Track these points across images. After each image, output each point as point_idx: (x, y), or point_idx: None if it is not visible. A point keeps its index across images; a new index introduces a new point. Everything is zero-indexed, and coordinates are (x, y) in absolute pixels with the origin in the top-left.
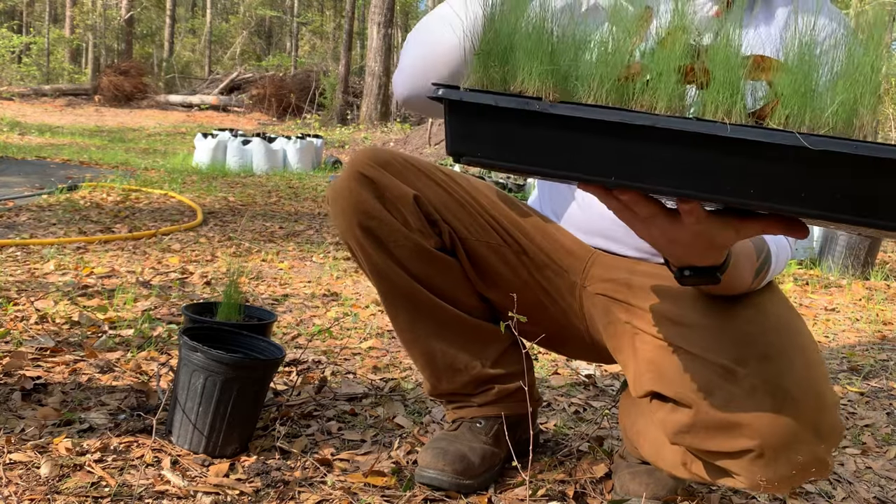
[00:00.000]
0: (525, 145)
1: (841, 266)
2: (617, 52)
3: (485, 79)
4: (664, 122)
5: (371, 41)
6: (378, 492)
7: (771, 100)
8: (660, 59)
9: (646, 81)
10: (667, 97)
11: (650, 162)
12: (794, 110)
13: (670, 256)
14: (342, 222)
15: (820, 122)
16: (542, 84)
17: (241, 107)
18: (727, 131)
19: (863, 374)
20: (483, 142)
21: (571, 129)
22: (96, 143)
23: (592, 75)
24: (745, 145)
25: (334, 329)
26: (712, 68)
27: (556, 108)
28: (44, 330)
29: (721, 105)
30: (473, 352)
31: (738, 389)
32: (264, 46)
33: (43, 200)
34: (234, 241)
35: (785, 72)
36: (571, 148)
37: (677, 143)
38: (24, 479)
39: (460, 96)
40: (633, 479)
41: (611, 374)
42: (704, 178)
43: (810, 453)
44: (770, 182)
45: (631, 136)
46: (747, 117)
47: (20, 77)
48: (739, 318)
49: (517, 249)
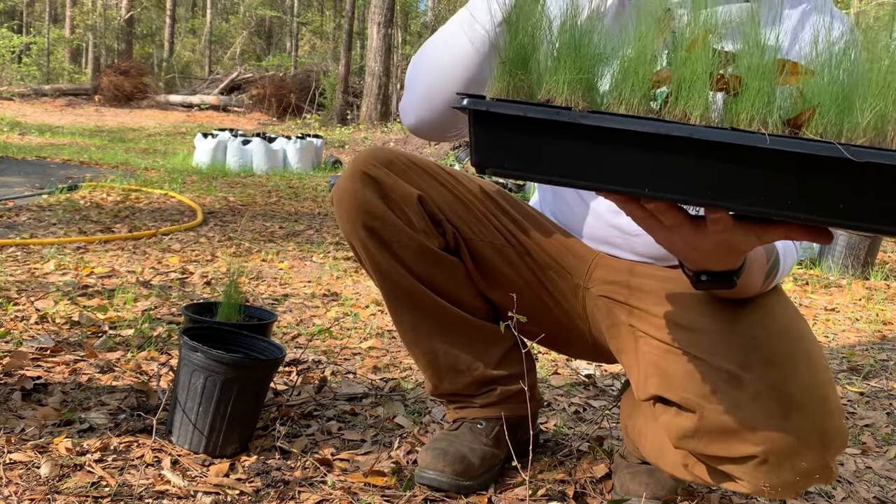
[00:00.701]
0: (554, 156)
1: (841, 266)
2: (643, 59)
3: (509, 88)
4: (701, 132)
5: (371, 41)
6: (378, 492)
7: (806, 108)
8: (688, 64)
9: (676, 90)
10: (701, 106)
11: (684, 172)
12: (831, 120)
13: (688, 262)
14: (346, 222)
15: (856, 132)
16: (571, 93)
17: (241, 107)
18: (766, 142)
19: (863, 374)
20: (510, 153)
21: (603, 140)
22: (96, 143)
23: (621, 84)
24: (783, 156)
25: (334, 329)
26: (745, 76)
27: (588, 119)
28: (44, 330)
29: (757, 114)
30: (476, 353)
31: (742, 395)
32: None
33: (43, 200)
34: (234, 241)
35: (822, 81)
36: (602, 159)
37: (714, 153)
38: (24, 479)
39: (487, 106)
40: (634, 478)
41: (611, 374)
42: (740, 189)
43: (815, 459)
44: (808, 192)
45: (665, 146)
46: (783, 126)
47: (20, 77)
48: (745, 321)
49: (521, 250)
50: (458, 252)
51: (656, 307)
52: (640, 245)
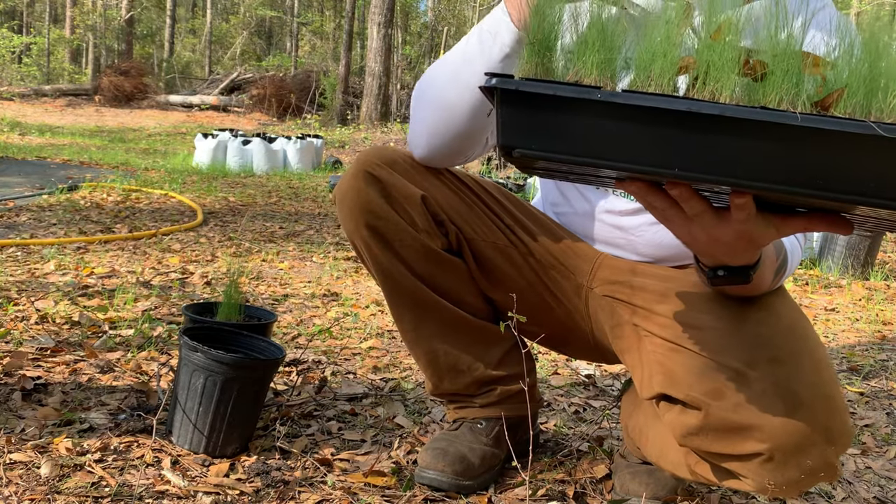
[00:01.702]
0: (583, 136)
1: (841, 266)
2: (670, 41)
3: (537, 68)
4: (732, 110)
5: (371, 41)
6: (378, 492)
7: (834, 89)
8: (714, 49)
9: (704, 72)
10: (730, 88)
11: (715, 152)
12: (859, 101)
13: (706, 256)
14: (349, 222)
15: (884, 112)
16: (600, 73)
17: (241, 107)
18: (798, 120)
19: (863, 374)
20: (538, 133)
21: (633, 120)
22: (96, 144)
23: (650, 66)
24: (814, 135)
25: (334, 329)
26: (770, 61)
27: (620, 97)
28: (44, 330)
29: (785, 95)
30: (477, 353)
31: (748, 393)
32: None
33: (43, 200)
34: (235, 241)
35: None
36: (633, 139)
37: (744, 132)
38: (25, 479)
39: (516, 85)
40: (634, 478)
41: (611, 374)
42: (770, 169)
43: (820, 457)
44: (839, 172)
45: (696, 125)
46: (812, 107)
47: (20, 77)
48: (750, 320)
49: (524, 251)
50: (461, 252)
51: (660, 306)
52: (642, 245)
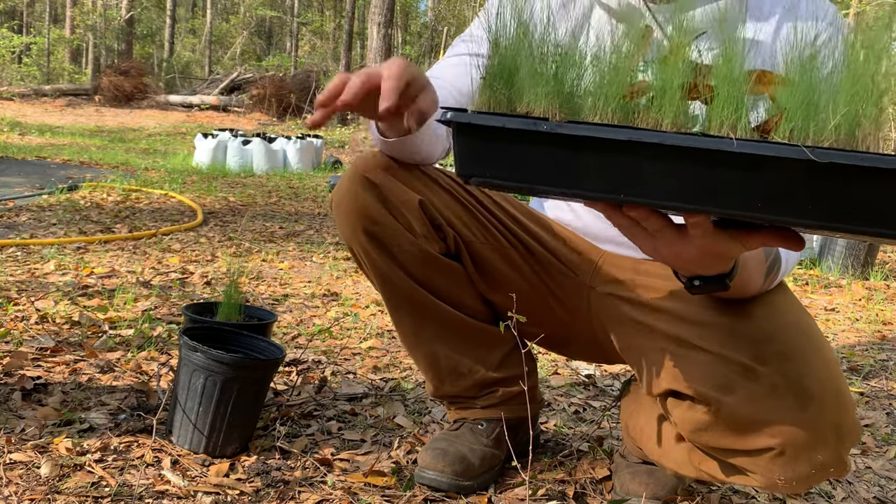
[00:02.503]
0: (534, 165)
1: (841, 266)
2: (620, 71)
3: (491, 101)
4: (671, 138)
5: (371, 41)
6: (378, 492)
7: (774, 113)
8: (663, 76)
9: (650, 98)
10: (672, 114)
11: (659, 178)
12: (798, 123)
13: (678, 269)
14: (346, 227)
15: (824, 135)
16: (549, 104)
17: (241, 107)
18: (733, 146)
19: (863, 374)
20: (492, 163)
21: (579, 148)
22: (96, 144)
23: (598, 94)
24: (751, 159)
25: (334, 329)
26: (716, 84)
27: (563, 128)
28: (44, 330)
29: (726, 120)
30: (477, 356)
31: (759, 387)
32: (264, 46)
33: (43, 200)
34: (235, 241)
35: (787, 85)
36: (580, 167)
37: (685, 158)
38: (25, 479)
39: (469, 119)
40: (634, 478)
41: (611, 374)
42: (713, 192)
43: (831, 452)
44: (777, 195)
45: (639, 153)
46: (752, 132)
47: (20, 77)
48: (754, 316)
49: (524, 252)
50: (459, 256)
51: (665, 302)
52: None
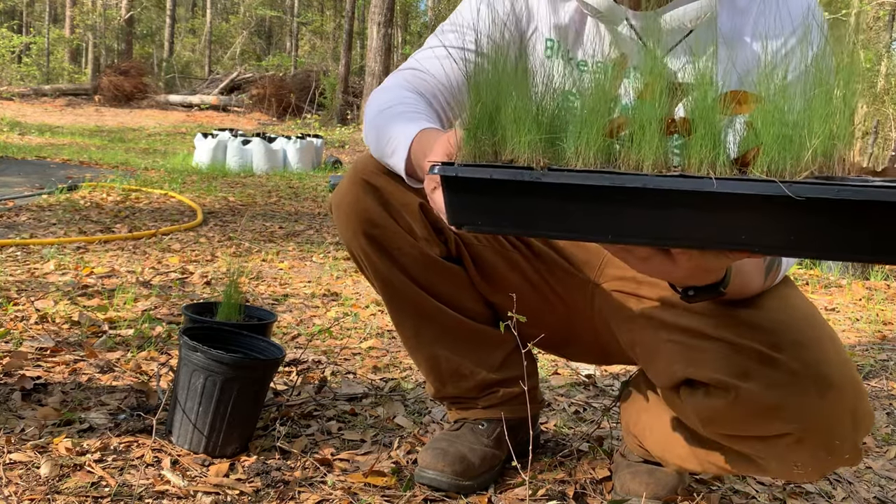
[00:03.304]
0: (521, 212)
1: (841, 266)
2: (597, 112)
3: (476, 150)
4: (653, 182)
5: (371, 41)
6: (378, 492)
7: (752, 146)
8: (640, 113)
9: (630, 138)
10: (652, 153)
11: (643, 218)
12: (775, 156)
13: (671, 283)
14: (346, 230)
15: (801, 164)
16: (532, 151)
17: (241, 107)
18: (713, 186)
19: (863, 374)
20: (482, 212)
21: (565, 195)
22: (96, 143)
23: (578, 137)
24: (734, 196)
25: (334, 329)
26: (693, 118)
27: (546, 177)
28: (44, 330)
29: (705, 158)
30: (478, 357)
31: (778, 374)
32: (264, 46)
33: (43, 200)
34: (234, 240)
35: (763, 119)
36: (567, 212)
37: (668, 198)
38: (24, 479)
39: (456, 172)
40: (634, 478)
41: (611, 374)
42: (698, 229)
43: (847, 438)
44: (760, 228)
45: (622, 196)
46: (731, 166)
47: (20, 77)
48: (767, 308)
49: (526, 252)
50: (461, 259)
51: (675, 297)
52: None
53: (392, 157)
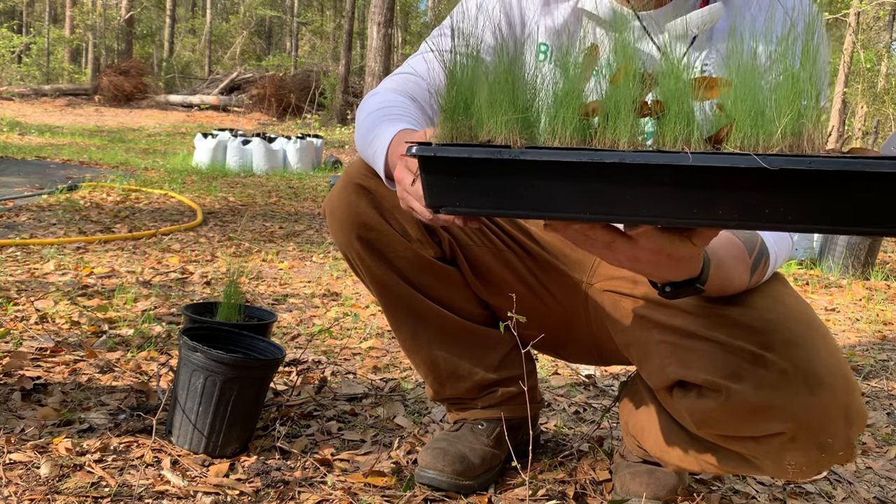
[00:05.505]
0: (499, 192)
1: (841, 266)
2: (573, 93)
3: (453, 132)
4: (630, 157)
5: (371, 41)
6: (378, 492)
7: (725, 123)
8: (614, 96)
9: (605, 117)
10: (627, 131)
11: (621, 195)
12: (747, 132)
13: (644, 275)
14: (340, 234)
15: (772, 140)
16: (509, 132)
17: (241, 107)
18: (689, 160)
19: (863, 374)
20: (459, 192)
21: (542, 173)
22: (96, 143)
23: (554, 118)
24: (709, 171)
25: (334, 329)
26: (665, 100)
27: (525, 154)
28: (44, 330)
29: (679, 135)
30: (476, 358)
31: (768, 374)
32: (264, 46)
33: (43, 200)
34: (234, 241)
35: (734, 95)
36: (544, 190)
37: (644, 174)
38: (24, 479)
39: (434, 152)
40: (634, 478)
41: (611, 374)
42: (676, 204)
43: (840, 436)
44: (738, 201)
45: (599, 172)
46: (705, 143)
47: (20, 77)
48: (757, 307)
49: (520, 253)
50: (455, 260)
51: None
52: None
53: (374, 158)
